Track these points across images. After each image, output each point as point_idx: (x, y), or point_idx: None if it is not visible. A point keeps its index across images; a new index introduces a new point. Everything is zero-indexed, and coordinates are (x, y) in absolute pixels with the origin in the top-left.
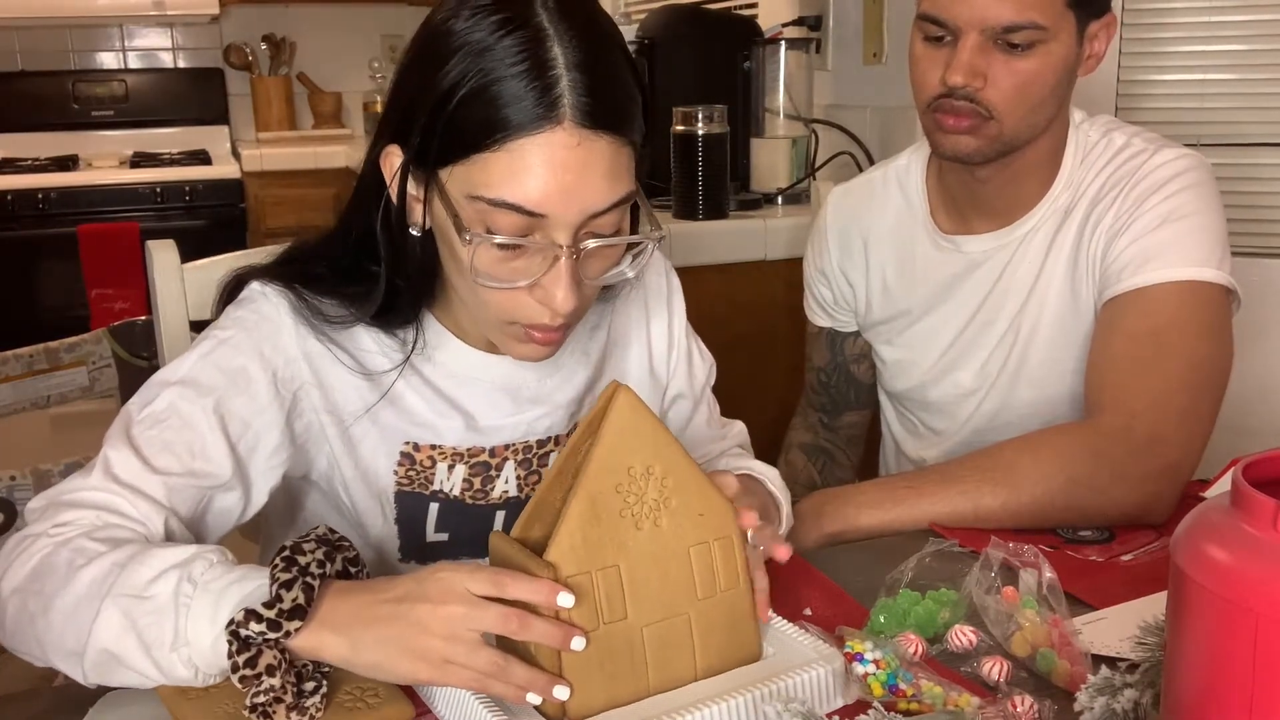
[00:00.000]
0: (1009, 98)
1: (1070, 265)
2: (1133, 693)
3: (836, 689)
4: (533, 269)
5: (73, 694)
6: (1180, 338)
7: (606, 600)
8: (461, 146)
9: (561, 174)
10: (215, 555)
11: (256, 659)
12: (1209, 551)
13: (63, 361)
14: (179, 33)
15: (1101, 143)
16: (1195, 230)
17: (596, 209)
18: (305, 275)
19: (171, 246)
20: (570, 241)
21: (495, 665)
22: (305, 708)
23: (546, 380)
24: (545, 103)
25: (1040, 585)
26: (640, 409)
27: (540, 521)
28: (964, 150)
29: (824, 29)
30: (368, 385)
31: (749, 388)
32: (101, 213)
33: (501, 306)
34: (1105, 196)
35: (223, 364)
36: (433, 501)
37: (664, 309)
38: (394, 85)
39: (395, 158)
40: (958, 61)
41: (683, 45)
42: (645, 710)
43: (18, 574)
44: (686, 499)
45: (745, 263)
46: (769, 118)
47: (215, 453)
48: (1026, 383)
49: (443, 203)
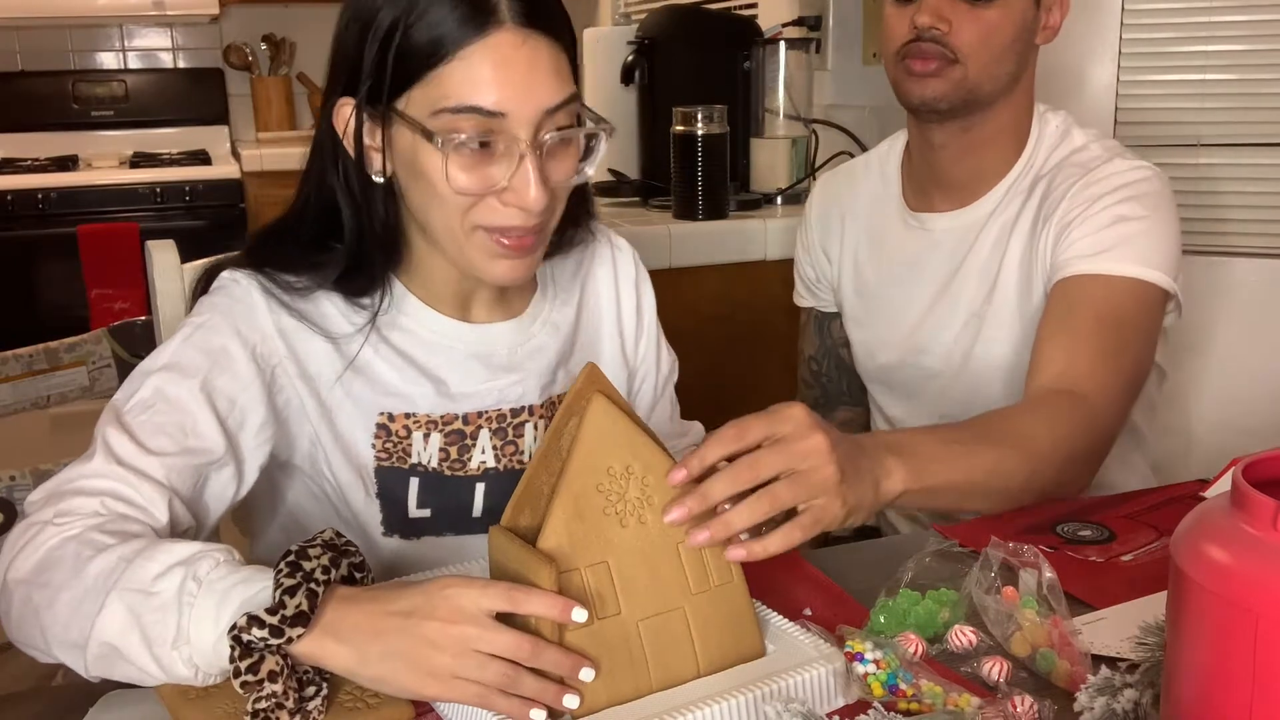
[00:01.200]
0: (973, 42)
1: (1026, 251)
2: (1133, 693)
3: (836, 689)
4: (500, 173)
5: (73, 694)
6: (1135, 337)
7: (598, 596)
8: (415, 70)
9: (512, 71)
10: (222, 554)
11: (259, 665)
12: (1209, 551)
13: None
14: (179, 33)
15: (1061, 136)
16: (1149, 234)
17: (549, 104)
18: (271, 257)
19: (171, 246)
20: (530, 138)
21: (505, 678)
22: (307, 711)
23: (518, 349)
24: (484, 8)
25: (1040, 585)
26: (614, 412)
27: (530, 507)
28: (930, 93)
29: (824, 29)
30: (337, 353)
31: (748, 387)
32: (101, 213)
33: (473, 217)
34: (1058, 188)
35: (203, 346)
36: (412, 476)
37: (633, 293)
38: (334, 50)
39: (346, 107)
40: (925, 5)
41: (683, 45)
42: (645, 709)
43: (24, 565)
44: (669, 496)
45: (745, 263)
46: (769, 118)
47: (207, 430)
48: (989, 366)
49: (409, 127)
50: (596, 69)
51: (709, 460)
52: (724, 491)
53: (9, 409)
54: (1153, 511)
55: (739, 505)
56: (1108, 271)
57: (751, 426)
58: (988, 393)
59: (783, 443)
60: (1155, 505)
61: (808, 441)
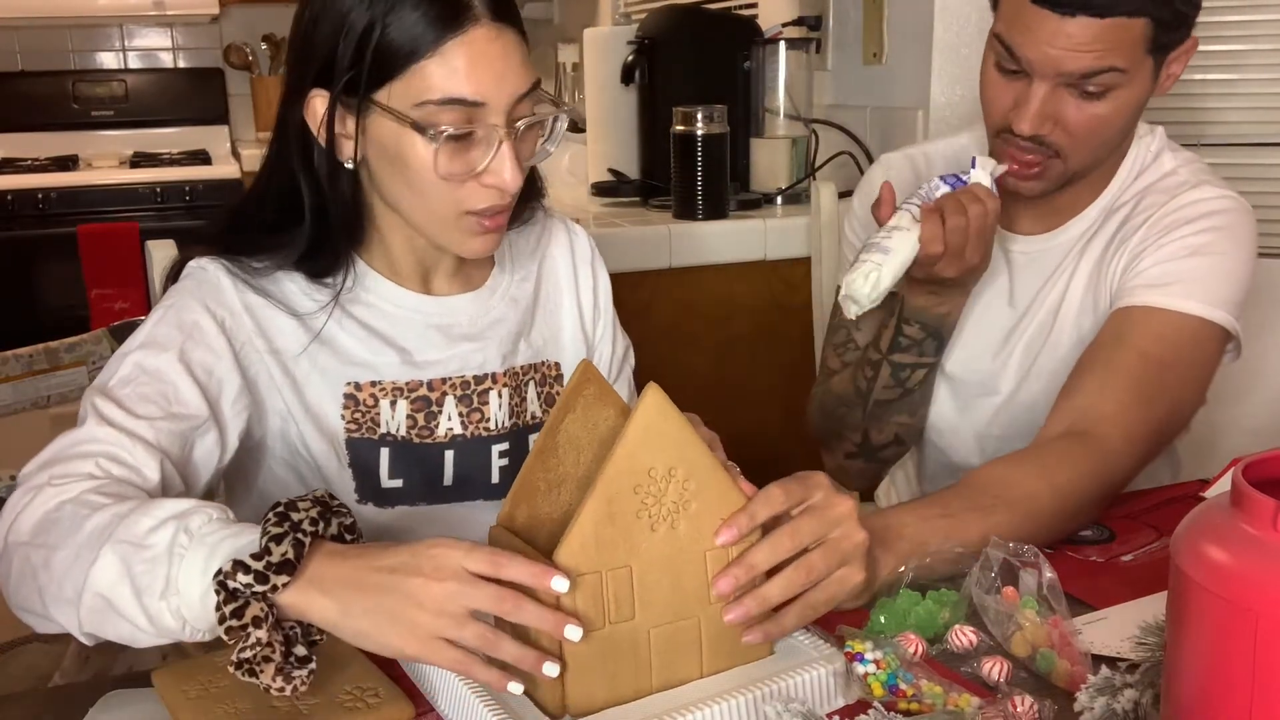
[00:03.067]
0: (1078, 139)
1: (1093, 275)
2: (1133, 693)
3: (836, 689)
4: (481, 157)
5: (73, 694)
6: (1180, 381)
7: (615, 601)
8: (396, 65)
9: (489, 63)
10: (215, 510)
11: (243, 610)
12: (1209, 551)
13: (63, 361)
14: (179, 33)
15: (1152, 159)
16: (1220, 270)
17: (521, 91)
18: (233, 243)
19: (171, 246)
20: (505, 123)
21: (484, 639)
22: (293, 677)
23: (478, 319)
24: (460, 5)
25: (1040, 585)
26: (668, 409)
27: (526, 503)
28: (1027, 191)
29: (824, 29)
30: (302, 329)
31: (748, 387)
32: (101, 213)
33: (455, 201)
34: (1137, 215)
35: (175, 322)
36: (383, 446)
37: (589, 272)
38: (299, 45)
39: (320, 99)
40: (1027, 110)
41: (683, 45)
42: (645, 709)
43: (22, 527)
44: (708, 502)
45: (745, 263)
46: (769, 118)
47: (189, 395)
48: (1041, 392)
49: (393, 118)
50: (596, 69)
51: (759, 519)
52: (768, 562)
53: (9, 409)
54: (1153, 511)
55: (775, 578)
56: (1169, 306)
57: (792, 491)
58: (1034, 420)
59: (817, 509)
60: (1155, 505)
61: (838, 508)
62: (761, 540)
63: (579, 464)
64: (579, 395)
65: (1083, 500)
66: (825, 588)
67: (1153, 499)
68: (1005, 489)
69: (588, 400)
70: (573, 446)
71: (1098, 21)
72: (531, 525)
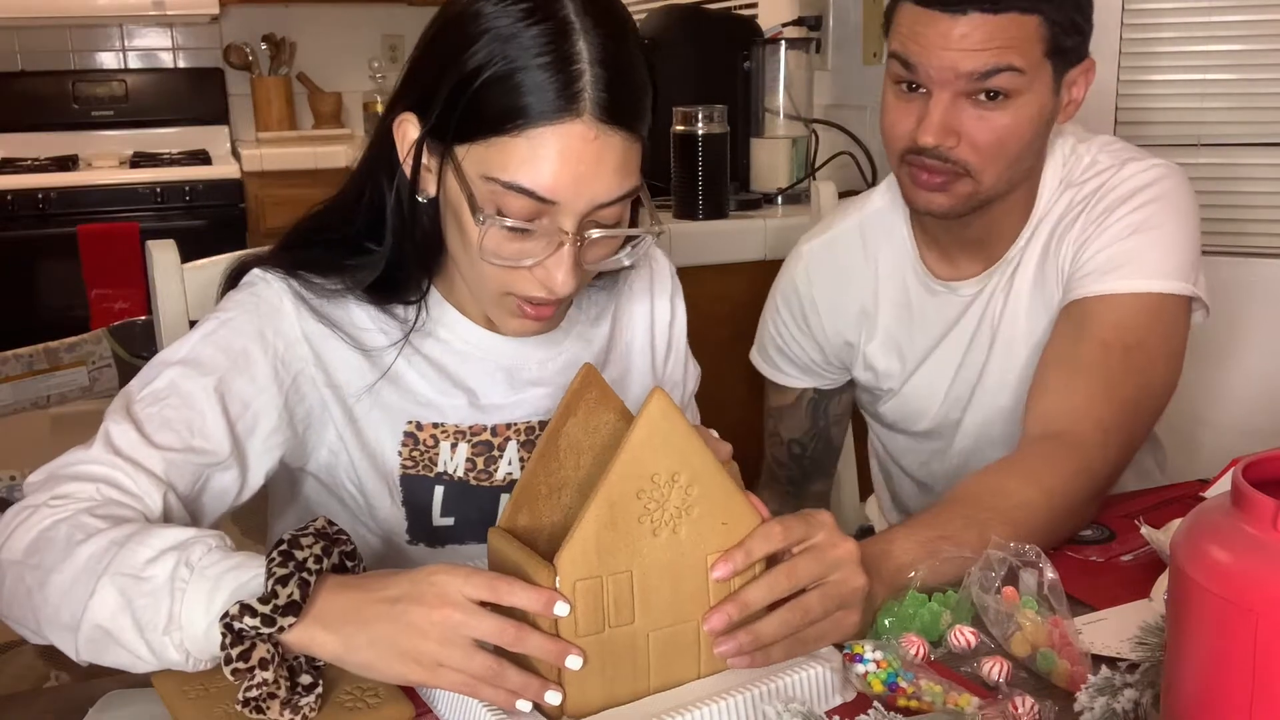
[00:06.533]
0: (984, 154)
1: (1039, 272)
2: (1133, 693)
3: (836, 688)
4: (537, 250)
5: (72, 694)
6: (1147, 360)
7: (615, 605)
8: (481, 128)
9: (576, 164)
10: (214, 540)
11: (249, 652)
12: (1209, 551)
13: (63, 361)
14: (179, 33)
15: (1070, 160)
16: (1165, 241)
17: (604, 200)
18: (304, 260)
19: (171, 246)
20: (575, 229)
21: (489, 670)
22: (299, 706)
23: (548, 364)
24: (567, 95)
25: (1040, 585)
26: (672, 414)
27: (528, 508)
28: (937, 208)
29: (824, 29)
30: (368, 364)
31: (748, 387)
32: (101, 213)
33: (501, 280)
34: (1070, 212)
35: (224, 345)
36: (437, 484)
37: (668, 308)
38: (416, 58)
39: (411, 125)
40: (929, 121)
41: (683, 45)
42: (644, 709)
43: (16, 546)
44: (710, 508)
45: (745, 263)
46: (769, 118)
47: (214, 431)
48: (1008, 394)
49: (457, 179)
50: None
51: (756, 556)
52: (763, 600)
53: (9, 409)
54: (1153, 511)
55: (770, 616)
56: (1122, 290)
57: (793, 528)
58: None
59: (817, 550)
60: (1155, 505)
61: (839, 550)
62: (758, 577)
63: (580, 468)
64: (581, 399)
65: (1074, 501)
66: (819, 627)
67: (1153, 499)
68: (999, 499)
69: (589, 404)
70: (574, 450)
71: (991, 18)
72: (533, 529)
